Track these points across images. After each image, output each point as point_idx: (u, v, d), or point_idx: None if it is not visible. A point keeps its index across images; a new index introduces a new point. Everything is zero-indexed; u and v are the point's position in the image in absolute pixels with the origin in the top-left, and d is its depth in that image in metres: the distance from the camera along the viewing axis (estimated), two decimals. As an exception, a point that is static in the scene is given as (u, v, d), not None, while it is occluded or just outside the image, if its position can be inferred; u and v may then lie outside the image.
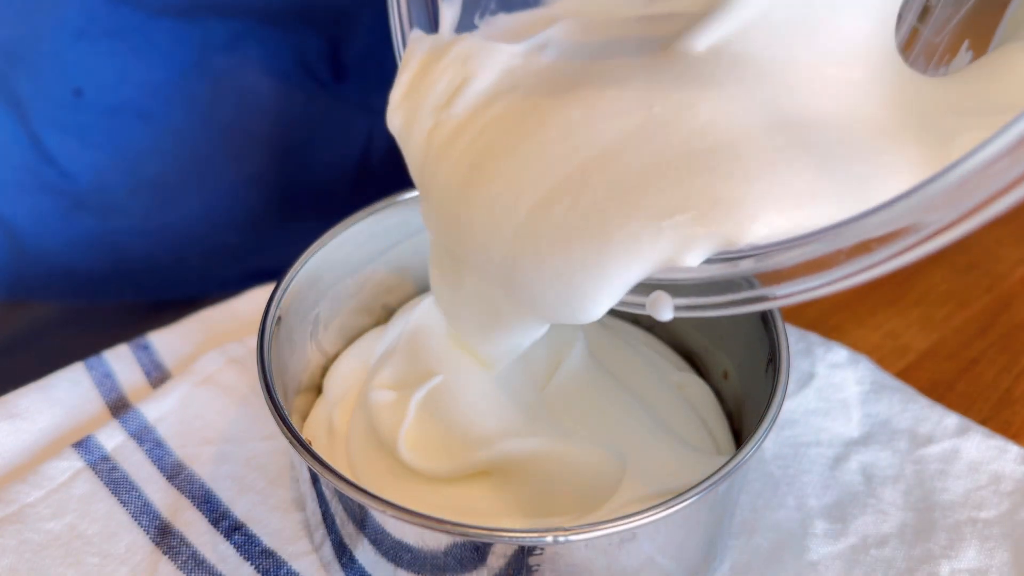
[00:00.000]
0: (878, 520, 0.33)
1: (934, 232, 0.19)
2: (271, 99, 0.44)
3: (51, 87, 0.40)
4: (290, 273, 0.32)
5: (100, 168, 0.43)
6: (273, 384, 0.28)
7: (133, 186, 0.44)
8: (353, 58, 0.44)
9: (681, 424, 0.33)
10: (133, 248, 0.46)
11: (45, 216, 0.44)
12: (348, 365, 0.36)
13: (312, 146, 0.46)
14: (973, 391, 0.39)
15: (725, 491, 0.28)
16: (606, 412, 0.32)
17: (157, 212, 0.45)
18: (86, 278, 0.46)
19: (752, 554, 0.32)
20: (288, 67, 0.43)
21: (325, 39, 0.43)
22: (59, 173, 0.43)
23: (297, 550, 0.32)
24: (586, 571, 0.26)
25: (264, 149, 0.45)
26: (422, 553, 0.26)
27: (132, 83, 0.41)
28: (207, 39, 0.41)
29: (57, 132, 0.42)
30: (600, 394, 0.33)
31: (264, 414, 0.36)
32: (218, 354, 0.38)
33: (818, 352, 0.39)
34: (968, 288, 0.44)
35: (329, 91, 0.45)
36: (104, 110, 0.41)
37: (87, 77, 0.40)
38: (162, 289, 0.48)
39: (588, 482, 0.30)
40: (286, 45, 0.43)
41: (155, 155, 0.43)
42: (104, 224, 0.45)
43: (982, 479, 0.34)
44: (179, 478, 0.34)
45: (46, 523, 0.32)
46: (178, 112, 0.42)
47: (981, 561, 0.32)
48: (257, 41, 0.42)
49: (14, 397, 0.36)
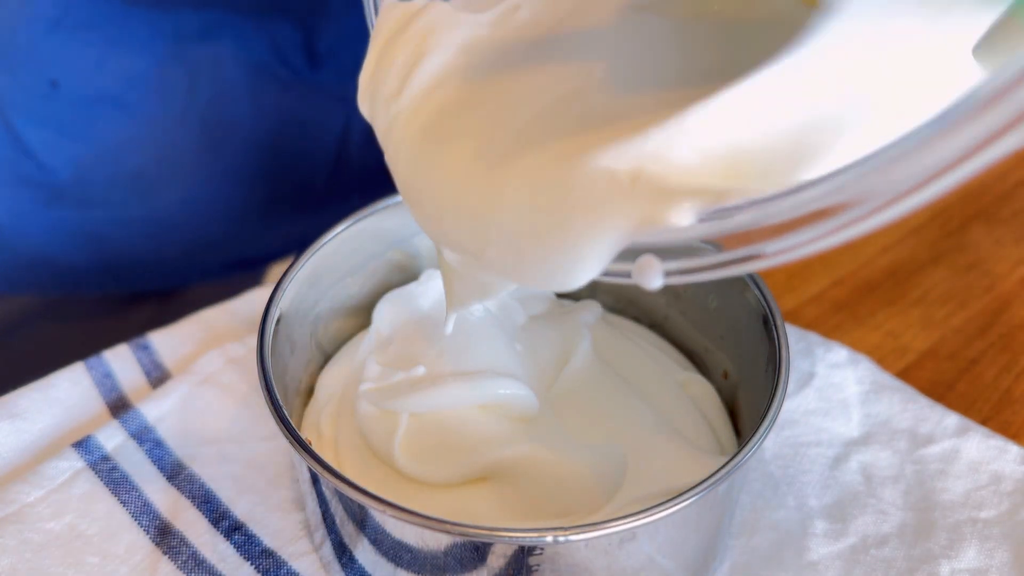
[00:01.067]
0: (878, 520, 0.33)
1: (942, 170, 0.16)
2: (247, 89, 0.43)
3: (27, 79, 0.40)
4: (290, 273, 0.32)
5: (78, 160, 0.43)
6: (273, 384, 0.28)
7: (112, 177, 0.44)
8: (327, 47, 0.44)
9: (686, 423, 0.33)
10: (113, 239, 0.46)
11: (24, 208, 0.44)
12: (335, 368, 0.35)
13: (289, 135, 0.46)
14: (973, 391, 0.39)
15: (725, 491, 0.28)
16: (611, 412, 0.32)
17: (136, 203, 0.45)
18: (66, 269, 0.46)
19: (752, 554, 0.32)
20: (262, 56, 0.43)
21: (299, 28, 0.43)
22: (37, 165, 0.42)
23: (297, 550, 0.32)
24: (586, 571, 0.26)
25: (241, 139, 0.45)
26: (422, 553, 0.26)
27: (108, 74, 0.41)
28: (181, 29, 0.41)
29: (34, 124, 0.41)
30: (606, 394, 0.33)
31: (264, 414, 0.36)
32: (218, 354, 0.38)
33: (818, 352, 0.39)
34: (968, 288, 0.44)
35: (304, 80, 0.44)
36: (80, 101, 0.41)
37: (63, 69, 0.40)
38: (143, 279, 0.48)
39: (590, 485, 0.29)
40: (260, 34, 0.42)
41: (133, 146, 0.43)
42: (83, 216, 0.44)
43: (982, 479, 0.34)
44: (179, 478, 0.34)
45: (46, 523, 0.32)
46: (155, 103, 0.42)
47: (981, 561, 0.32)
48: (231, 31, 0.42)
49: (14, 397, 0.36)
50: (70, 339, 0.39)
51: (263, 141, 0.45)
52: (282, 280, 0.32)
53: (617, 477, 0.29)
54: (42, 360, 0.38)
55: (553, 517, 0.29)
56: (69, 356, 0.38)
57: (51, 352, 0.38)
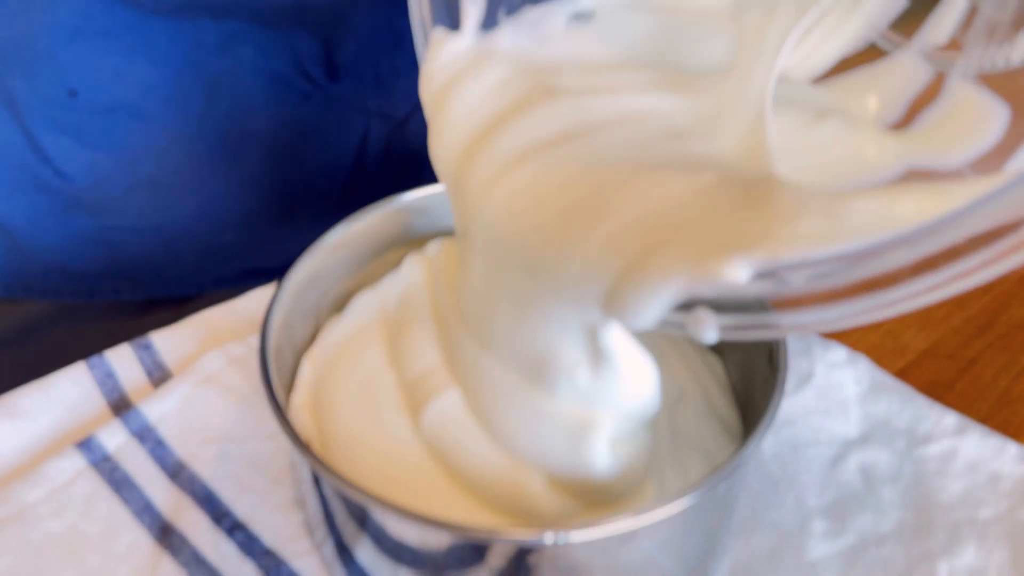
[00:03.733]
0: (877, 519, 0.33)
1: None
2: (266, 99, 0.44)
3: (46, 87, 0.40)
4: (291, 273, 0.32)
5: (96, 167, 0.43)
6: (274, 384, 0.28)
7: (128, 185, 0.44)
8: (346, 59, 0.44)
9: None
10: (129, 246, 0.46)
11: (41, 215, 0.44)
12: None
13: (307, 146, 0.46)
14: (972, 391, 0.39)
15: (725, 491, 0.28)
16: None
17: (152, 211, 0.45)
18: (82, 275, 0.46)
19: (752, 553, 0.32)
20: (282, 68, 0.43)
21: (319, 40, 0.43)
22: (55, 172, 0.43)
23: (298, 549, 0.32)
24: (586, 570, 0.26)
25: (259, 149, 0.45)
26: (422, 552, 0.27)
27: (127, 83, 0.41)
28: (201, 39, 0.41)
29: (53, 132, 0.42)
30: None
31: (265, 414, 0.36)
32: (219, 354, 0.38)
33: (817, 352, 0.39)
34: (967, 288, 0.44)
35: (324, 91, 0.45)
36: (99, 110, 0.41)
37: (82, 77, 0.40)
38: (157, 286, 0.48)
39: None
40: (280, 46, 0.43)
41: (150, 154, 0.43)
42: (100, 222, 0.45)
43: (981, 478, 0.34)
44: (181, 477, 0.34)
45: (48, 522, 0.32)
46: (173, 112, 0.42)
47: (980, 560, 0.32)
48: (251, 42, 0.42)
49: (15, 397, 0.36)
50: (84, 344, 0.39)
51: (281, 151, 0.46)
52: (284, 280, 0.32)
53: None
54: (56, 364, 0.38)
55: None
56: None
57: (65, 356, 0.38)
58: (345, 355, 0.33)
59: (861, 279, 0.20)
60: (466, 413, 0.29)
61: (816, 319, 0.21)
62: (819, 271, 0.20)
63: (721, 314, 0.23)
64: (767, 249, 0.21)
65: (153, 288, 0.48)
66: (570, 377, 0.27)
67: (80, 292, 0.47)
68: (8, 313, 0.47)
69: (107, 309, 0.48)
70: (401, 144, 0.48)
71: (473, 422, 0.29)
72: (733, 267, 0.21)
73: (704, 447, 0.31)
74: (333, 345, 0.33)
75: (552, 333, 0.26)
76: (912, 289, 0.19)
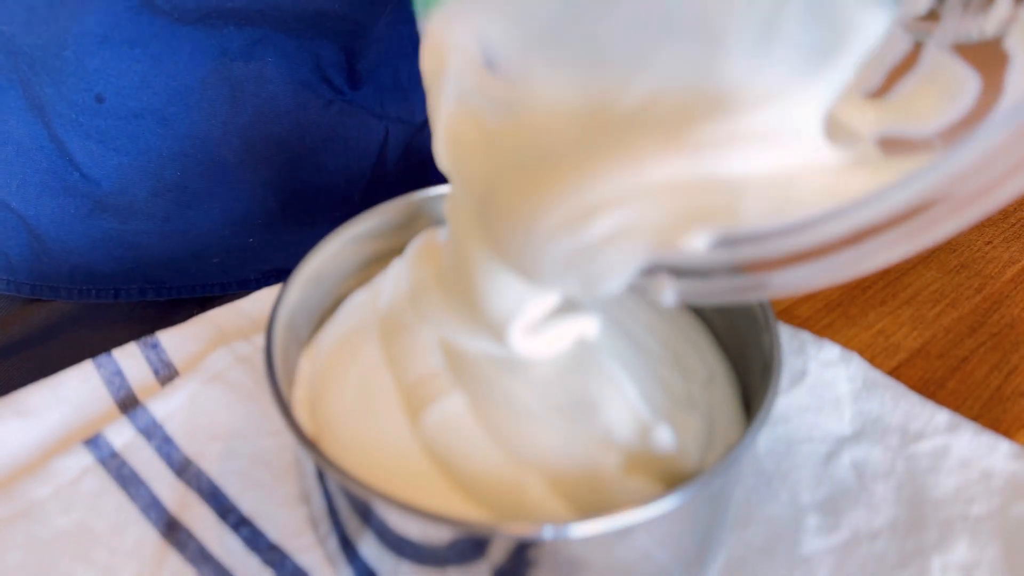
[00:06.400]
0: (870, 515, 0.33)
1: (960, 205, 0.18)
2: (288, 105, 0.44)
3: (74, 93, 0.41)
4: (296, 273, 0.33)
5: (122, 171, 0.44)
6: (280, 382, 0.29)
7: (153, 189, 0.44)
8: (367, 67, 0.45)
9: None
10: (153, 248, 0.46)
11: (67, 217, 0.45)
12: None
13: (328, 151, 0.47)
14: (964, 389, 0.39)
15: (720, 487, 0.28)
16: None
17: (177, 214, 0.46)
18: (107, 277, 0.47)
19: (746, 548, 0.33)
20: (305, 75, 0.44)
21: (341, 48, 0.44)
22: (81, 176, 0.43)
23: (303, 544, 0.33)
24: (584, 564, 0.27)
25: (282, 154, 0.46)
26: (424, 546, 0.27)
27: (153, 89, 0.41)
28: (226, 47, 0.41)
29: (80, 136, 0.42)
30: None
31: (270, 411, 0.37)
32: (226, 352, 0.38)
33: (810, 350, 0.40)
34: (959, 288, 0.45)
35: (345, 98, 0.46)
36: (125, 115, 0.42)
37: (109, 83, 0.41)
38: (181, 288, 0.48)
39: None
40: (303, 53, 0.43)
41: (175, 159, 0.44)
42: (125, 225, 0.45)
43: (973, 475, 0.34)
44: (187, 474, 0.35)
45: (56, 518, 0.33)
46: (198, 117, 0.43)
47: (972, 556, 0.32)
48: (275, 49, 0.42)
49: (24, 395, 0.37)
50: (108, 344, 0.39)
51: (303, 156, 0.46)
52: (289, 280, 0.32)
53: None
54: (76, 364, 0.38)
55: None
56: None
57: (86, 357, 0.38)
58: (341, 353, 0.33)
59: (809, 246, 0.21)
60: (469, 417, 0.30)
61: (780, 283, 0.23)
62: (772, 240, 0.22)
63: (682, 279, 0.24)
64: (724, 220, 0.22)
65: (177, 290, 0.48)
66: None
67: (105, 293, 0.48)
68: (34, 313, 0.48)
69: (131, 310, 0.48)
70: (419, 149, 0.49)
71: (476, 426, 0.29)
72: (693, 236, 0.22)
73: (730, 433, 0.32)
74: (329, 343, 0.34)
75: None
76: (852, 255, 0.21)
